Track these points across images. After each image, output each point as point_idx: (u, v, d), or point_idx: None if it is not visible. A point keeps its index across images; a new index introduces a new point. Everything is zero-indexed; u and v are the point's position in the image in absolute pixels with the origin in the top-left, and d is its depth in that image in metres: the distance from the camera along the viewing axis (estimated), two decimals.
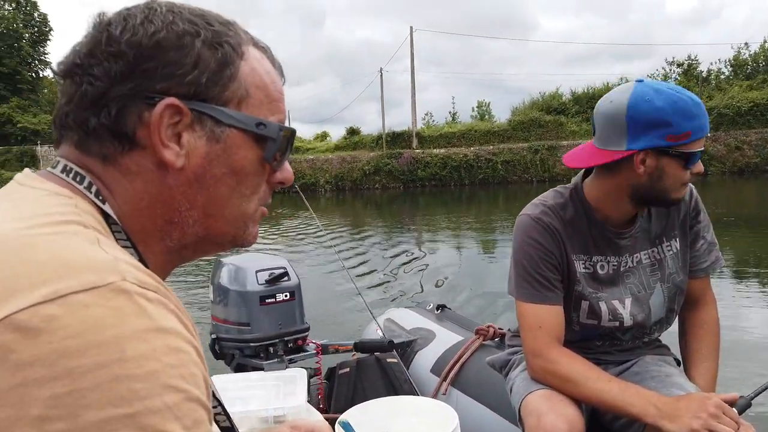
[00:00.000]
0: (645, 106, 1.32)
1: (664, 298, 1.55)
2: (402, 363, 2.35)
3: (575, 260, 1.51)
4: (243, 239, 0.68)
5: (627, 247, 1.53)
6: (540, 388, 1.46)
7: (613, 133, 1.37)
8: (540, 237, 1.48)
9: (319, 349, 2.35)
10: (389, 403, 2.08)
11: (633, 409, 1.31)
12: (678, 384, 1.44)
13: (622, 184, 1.43)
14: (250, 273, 2.27)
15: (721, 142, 27.02)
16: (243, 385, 1.99)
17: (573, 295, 1.52)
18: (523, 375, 1.56)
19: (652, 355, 1.61)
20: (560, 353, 1.45)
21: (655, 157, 1.35)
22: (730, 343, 4.49)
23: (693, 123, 1.32)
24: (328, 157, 32.33)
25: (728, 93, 29.66)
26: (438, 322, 2.54)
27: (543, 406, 1.39)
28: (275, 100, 0.66)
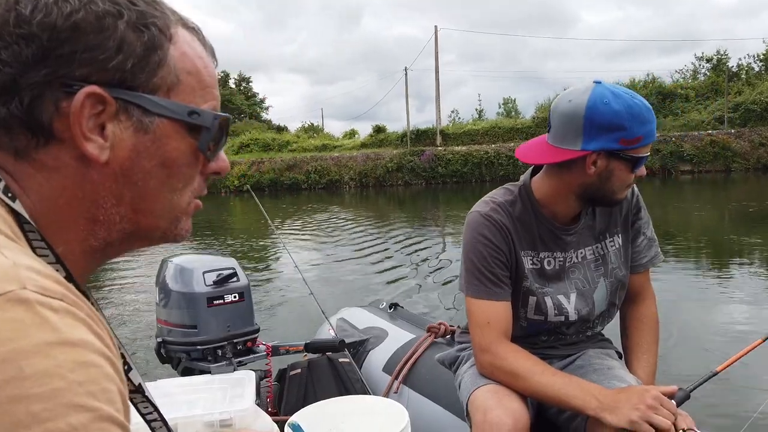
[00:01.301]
0: (603, 108, 1.32)
1: (607, 292, 1.57)
2: (354, 362, 2.29)
3: (524, 256, 1.51)
4: (175, 234, 0.62)
5: (572, 243, 1.53)
6: (487, 383, 1.44)
7: (570, 133, 1.37)
8: (489, 234, 1.47)
9: (270, 350, 2.25)
10: (340, 403, 2.02)
11: (575, 402, 1.31)
12: (619, 377, 1.45)
13: (571, 183, 1.44)
14: (197, 274, 2.14)
15: (746, 139, 26.57)
16: (188, 389, 1.89)
17: (521, 291, 1.52)
18: (471, 371, 1.54)
19: (594, 349, 1.61)
20: (507, 349, 1.45)
21: (606, 159, 1.36)
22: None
23: (645, 128, 1.34)
24: (353, 155, 32.05)
25: (757, 88, 29.22)
26: (391, 321, 2.48)
27: (490, 401, 1.38)
28: (208, 86, 0.60)
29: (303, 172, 31.42)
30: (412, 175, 29.93)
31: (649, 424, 1.20)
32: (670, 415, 1.21)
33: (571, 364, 1.58)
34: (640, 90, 31.99)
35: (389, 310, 2.58)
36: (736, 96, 29.11)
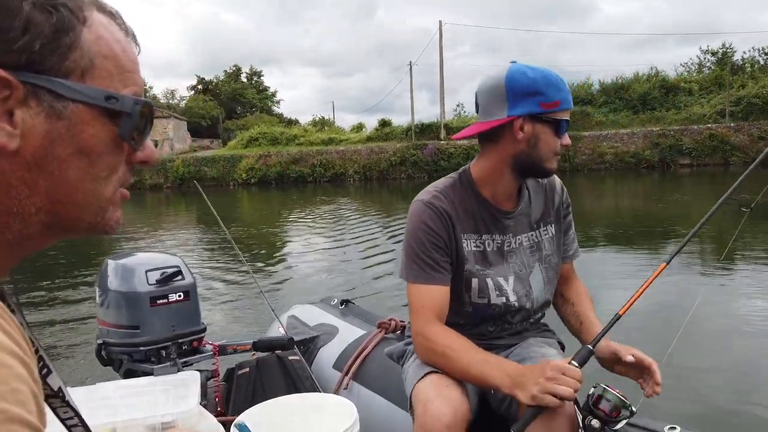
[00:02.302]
0: (521, 77, 1.40)
1: (543, 277, 1.60)
2: (304, 360, 2.22)
3: (465, 239, 1.53)
4: (103, 225, 0.57)
5: (511, 228, 1.57)
6: (428, 374, 1.43)
7: (495, 104, 1.44)
8: (429, 220, 1.49)
9: (217, 350, 2.18)
10: (289, 401, 1.96)
11: (493, 381, 1.33)
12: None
13: (504, 155, 1.48)
14: (140, 273, 2.07)
15: (745, 132, 26.52)
16: (129, 391, 1.83)
17: (464, 274, 1.53)
18: (415, 363, 1.54)
19: (536, 338, 1.63)
20: (438, 330, 1.46)
21: (532, 123, 1.42)
22: None
23: (560, 94, 1.42)
24: (358, 148, 32.20)
25: (760, 82, 29.00)
26: (342, 318, 2.41)
27: (430, 392, 1.38)
28: (128, 70, 0.56)
29: (308, 166, 31.56)
30: (414, 168, 29.93)
31: (552, 395, 1.22)
32: (571, 382, 1.22)
33: (511, 353, 1.58)
34: (644, 84, 31.72)
35: (341, 306, 2.51)
36: (739, 90, 28.70)
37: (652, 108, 30.34)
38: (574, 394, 1.22)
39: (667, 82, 32.10)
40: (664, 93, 31.12)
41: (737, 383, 3.32)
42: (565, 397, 1.21)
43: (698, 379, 3.38)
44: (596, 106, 31.73)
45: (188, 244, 10.58)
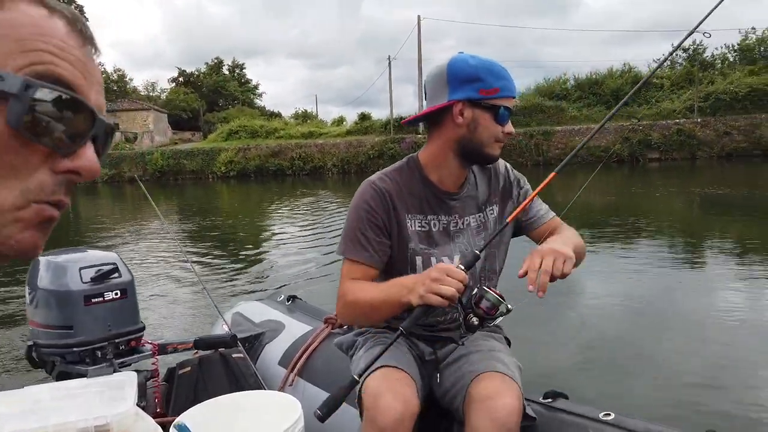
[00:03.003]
0: (462, 64, 1.46)
1: (483, 255, 1.56)
2: (249, 357, 2.14)
3: (410, 219, 1.56)
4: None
5: (457, 209, 1.59)
6: (379, 367, 1.41)
7: (438, 90, 1.49)
8: (370, 200, 1.53)
9: (156, 349, 2.09)
10: (231, 400, 1.89)
11: (395, 297, 1.38)
12: (499, 358, 1.47)
13: (448, 140, 1.52)
14: (73, 270, 1.96)
15: (711, 128, 26.75)
16: (61, 394, 1.73)
17: (407, 253, 1.55)
18: (365, 356, 1.53)
19: (483, 332, 1.62)
20: (353, 283, 1.52)
21: (471, 109, 1.46)
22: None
23: (500, 82, 1.46)
24: (336, 142, 32.02)
25: (728, 78, 29.12)
26: (288, 314, 2.33)
27: (381, 386, 1.36)
28: (37, 49, 0.45)
29: (287, 159, 31.40)
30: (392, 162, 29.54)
31: (437, 295, 1.26)
32: (454, 282, 1.26)
33: (459, 347, 1.57)
34: (617, 79, 31.92)
35: (287, 302, 2.43)
36: (708, 86, 29.05)
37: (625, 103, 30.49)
38: (456, 294, 1.27)
39: (640, 77, 32.31)
40: None
41: (674, 371, 3.35)
42: (448, 297, 1.26)
43: (635, 368, 3.41)
44: (571, 101, 31.89)
45: (134, 239, 10.24)
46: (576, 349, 3.74)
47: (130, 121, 45.42)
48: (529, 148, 28.47)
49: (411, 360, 1.51)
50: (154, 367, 2.08)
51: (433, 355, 1.58)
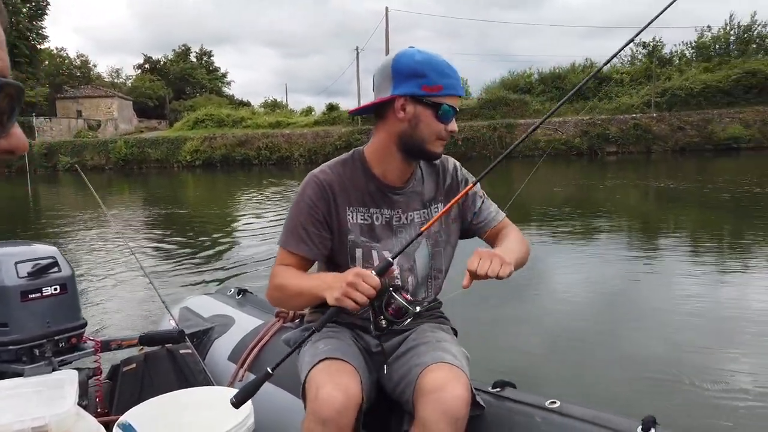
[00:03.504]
0: (407, 59, 1.45)
1: (428, 253, 1.61)
2: (197, 353, 2.06)
3: (352, 212, 1.55)
4: None
5: (400, 203, 1.58)
6: (322, 360, 1.41)
7: (383, 84, 1.48)
8: (311, 192, 1.53)
9: (99, 346, 1.99)
10: (179, 397, 1.83)
11: (316, 290, 1.40)
12: (446, 348, 1.46)
13: (390, 133, 1.51)
14: (8, 265, 1.85)
15: (666, 122, 27.51)
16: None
17: (347, 245, 1.55)
18: (311, 350, 1.50)
19: (431, 324, 1.63)
20: (282, 269, 1.53)
21: (413, 104, 1.45)
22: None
23: (444, 80, 1.44)
24: (303, 132, 31.74)
25: (685, 74, 30.11)
26: (239, 308, 2.26)
27: (323, 378, 1.35)
28: None
29: (254, 149, 31.04)
30: None
31: (350, 299, 1.28)
32: (366, 288, 1.27)
33: (406, 339, 1.57)
34: (579, 74, 32.41)
35: (238, 296, 2.35)
36: (665, 81, 29.74)
37: (586, 98, 31.12)
38: (367, 300, 1.28)
39: (601, 72, 32.88)
40: (597, 83, 31.92)
41: (621, 359, 3.42)
42: (360, 303, 1.28)
43: (583, 356, 3.47)
44: (534, 94, 32.28)
45: (81, 231, 9.76)
46: (527, 339, 3.78)
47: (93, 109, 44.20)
48: (493, 140, 28.78)
49: (356, 352, 1.50)
50: (97, 364, 1.98)
51: (379, 347, 1.55)
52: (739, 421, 2.57)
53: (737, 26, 34.28)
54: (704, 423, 2.58)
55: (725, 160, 21.94)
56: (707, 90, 28.19)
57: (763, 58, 30.76)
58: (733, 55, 32.71)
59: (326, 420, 1.29)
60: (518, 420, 1.40)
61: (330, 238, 1.55)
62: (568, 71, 33.25)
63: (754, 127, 26.61)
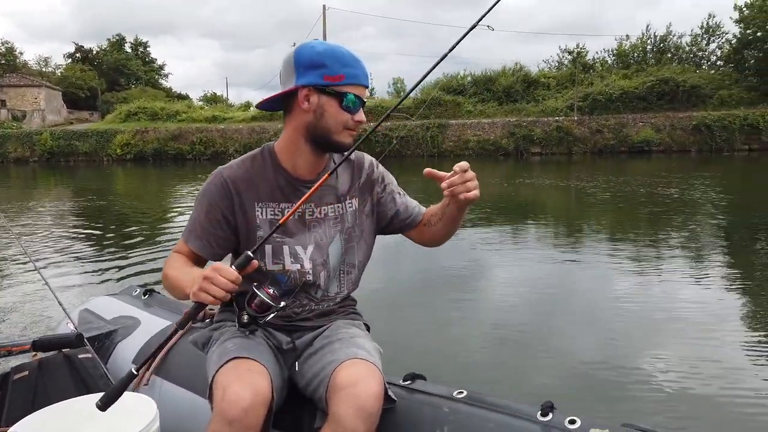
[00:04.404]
0: (308, 50, 1.43)
1: (342, 248, 1.59)
2: (98, 357, 1.91)
3: (260, 208, 1.52)
4: None
5: (313, 198, 1.52)
6: (230, 359, 1.36)
7: (287, 75, 1.46)
8: (214, 190, 1.50)
9: None
10: (77, 404, 1.68)
11: (184, 285, 1.36)
12: (360, 344, 1.45)
13: (297, 126, 1.48)
14: None
15: (586, 126, 28.48)
16: None
17: (256, 241, 1.50)
18: (219, 350, 1.45)
19: (344, 320, 1.61)
20: (174, 257, 1.51)
21: (317, 95, 1.42)
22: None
23: (346, 70, 1.42)
24: (239, 127, 30.86)
25: (605, 80, 31.31)
26: (145, 309, 2.12)
27: (231, 377, 1.31)
28: None
29: (188, 143, 30.09)
30: None
31: (207, 294, 1.23)
32: (223, 282, 1.22)
33: (320, 335, 1.54)
34: (509, 77, 33.22)
35: (143, 296, 2.21)
36: (588, 87, 30.97)
37: (515, 100, 31.97)
38: (227, 294, 1.23)
39: (529, 76, 33.89)
40: (525, 87, 32.86)
41: (527, 349, 3.49)
42: (217, 297, 1.23)
43: (491, 347, 3.52)
44: (467, 96, 32.85)
45: None
46: (441, 332, 3.79)
47: (19, 98, 41.58)
48: (426, 140, 29.10)
49: (265, 350, 1.46)
50: None
51: (291, 344, 1.53)
52: (635, 405, 2.67)
53: (653, 36, 36.20)
54: (601, 406, 2.66)
55: (638, 161, 23.06)
56: (625, 95, 29.57)
57: (675, 67, 32.58)
58: (650, 63, 34.47)
59: (233, 420, 1.24)
60: (427, 411, 1.41)
61: (230, 237, 1.52)
62: (499, 74, 34.03)
63: (664, 132, 28.13)
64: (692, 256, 6.01)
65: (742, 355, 3.30)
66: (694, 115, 27.83)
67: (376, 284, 4.49)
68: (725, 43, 33.90)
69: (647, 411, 2.58)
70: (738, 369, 3.10)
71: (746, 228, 8.02)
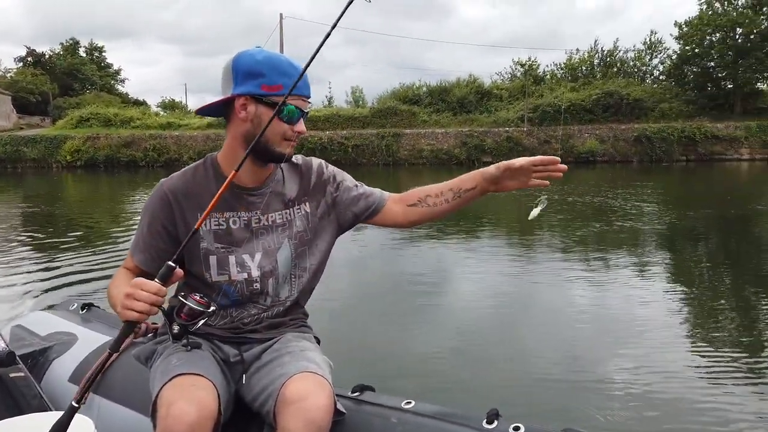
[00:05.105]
0: (246, 58, 1.40)
1: (291, 253, 1.55)
2: (31, 376, 1.79)
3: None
4: None
5: (258, 205, 1.51)
6: (176, 375, 1.30)
7: (226, 83, 1.42)
8: (156, 203, 1.48)
9: None
10: (5, 426, 1.57)
11: (113, 303, 1.34)
12: (310, 357, 1.42)
13: (236, 135, 1.45)
14: None
15: (534, 136, 29.01)
16: None
17: (200, 252, 1.48)
18: (163, 365, 1.40)
19: (294, 333, 1.57)
20: (119, 273, 1.49)
21: (254, 104, 1.40)
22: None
23: (284, 79, 1.38)
24: (194, 134, 30.07)
25: (554, 92, 32.23)
26: (83, 324, 2.00)
27: (175, 394, 1.26)
28: None
29: (141, 150, 29.25)
30: None
31: (132, 311, 1.20)
32: (145, 296, 1.20)
33: (270, 348, 1.51)
34: (463, 88, 33.71)
35: (82, 311, 2.10)
36: (538, 98, 31.77)
37: (468, 111, 32.46)
38: (151, 308, 1.20)
39: (482, 88, 34.50)
40: (479, 98, 33.43)
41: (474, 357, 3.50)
42: (142, 312, 1.20)
43: (446, 356, 3.51)
44: (423, 106, 33.17)
45: None
46: (392, 343, 3.76)
47: None
48: (381, 148, 29.21)
49: (212, 364, 1.41)
50: None
51: (238, 356, 1.49)
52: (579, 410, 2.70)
53: (601, 51, 37.46)
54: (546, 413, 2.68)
55: (584, 171, 23.72)
56: (572, 107, 30.51)
57: (621, 80, 33.77)
58: (597, 76, 35.64)
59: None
60: (376, 422, 1.40)
61: (172, 249, 1.43)
62: (454, 85, 34.52)
63: (608, 143, 29.07)
64: (637, 263, 6.20)
65: (684, 360, 3.40)
66: (636, 127, 28.88)
67: (329, 294, 4.43)
68: (667, 58, 35.42)
69: (591, 416, 2.61)
70: (679, 372, 3.19)
71: (687, 237, 8.34)
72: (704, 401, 2.82)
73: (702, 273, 5.93)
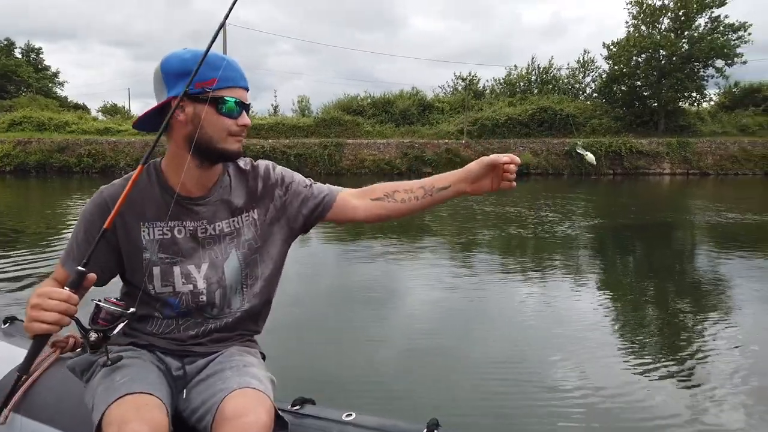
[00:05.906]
0: (174, 59, 1.35)
1: (240, 263, 1.49)
2: None
3: (147, 228, 1.42)
4: None
5: (203, 213, 1.46)
6: (125, 395, 1.23)
7: (158, 89, 1.38)
8: (93, 211, 1.41)
9: None
10: None
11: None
12: (253, 373, 1.38)
13: (178, 140, 1.39)
14: None
15: (472, 148, 29.35)
16: None
17: (143, 264, 1.42)
18: (105, 383, 1.29)
19: (239, 347, 1.51)
20: (45, 283, 1.39)
21: (191, 104, 1.34)
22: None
23: (216, 73, 1.33)
24: (131, 140, 28.53)
25: (493, 106, 32.83)
26: (4, 338, 1.86)
27: (128, 413, 1.19)
28: None
29: (75, 155, 27.88)
30: None
31: (41, 323, 1.14)
32: (53, 304, 1.15)
33: (213, 361, 1.45)
34: (406, 100, 34.06)
35: (4, 325, 1.95)
36: (478, 112, 32.56)
37: (411, 122, 32.85)
38: (61, 317, 1.14)
39: (425, 100, 35.00)
40: (421, 110, 33.90)
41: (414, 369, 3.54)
42: (52, 322, 1.14)
43: (387, 368, 3.54)
44: (366, 117, 33.31)
45: None
46: (336, 355, 3.75)
47: None
48: (324, 158, 29.15)
49: (159, 377, 1.36)
50: None
51: (181, 370, 1.43)
52: (518, 419, 2.74)
53: (537, 68, 38.77)
54: (486, 421, 2.73)
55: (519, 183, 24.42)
56: (509, 122, 31.41)
57: (555, 96, 35.06)
58: (534, 92, 36.85)
59: None
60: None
61: (111, 258, 1.42)
62: (397, 97, 34.85)
63: (542, 156, 30.08)
64: (573, 270, 6.42)
65: (622, 364, 3.53)
66: (567, 141, 30.03)
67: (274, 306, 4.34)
68: (597, 77, 37.04)
69: (530, 424, 2.65)
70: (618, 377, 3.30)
71: (617, 245, 8.72)
72: (640, 404, 2.94)
73: (626, 275, 6.20)
